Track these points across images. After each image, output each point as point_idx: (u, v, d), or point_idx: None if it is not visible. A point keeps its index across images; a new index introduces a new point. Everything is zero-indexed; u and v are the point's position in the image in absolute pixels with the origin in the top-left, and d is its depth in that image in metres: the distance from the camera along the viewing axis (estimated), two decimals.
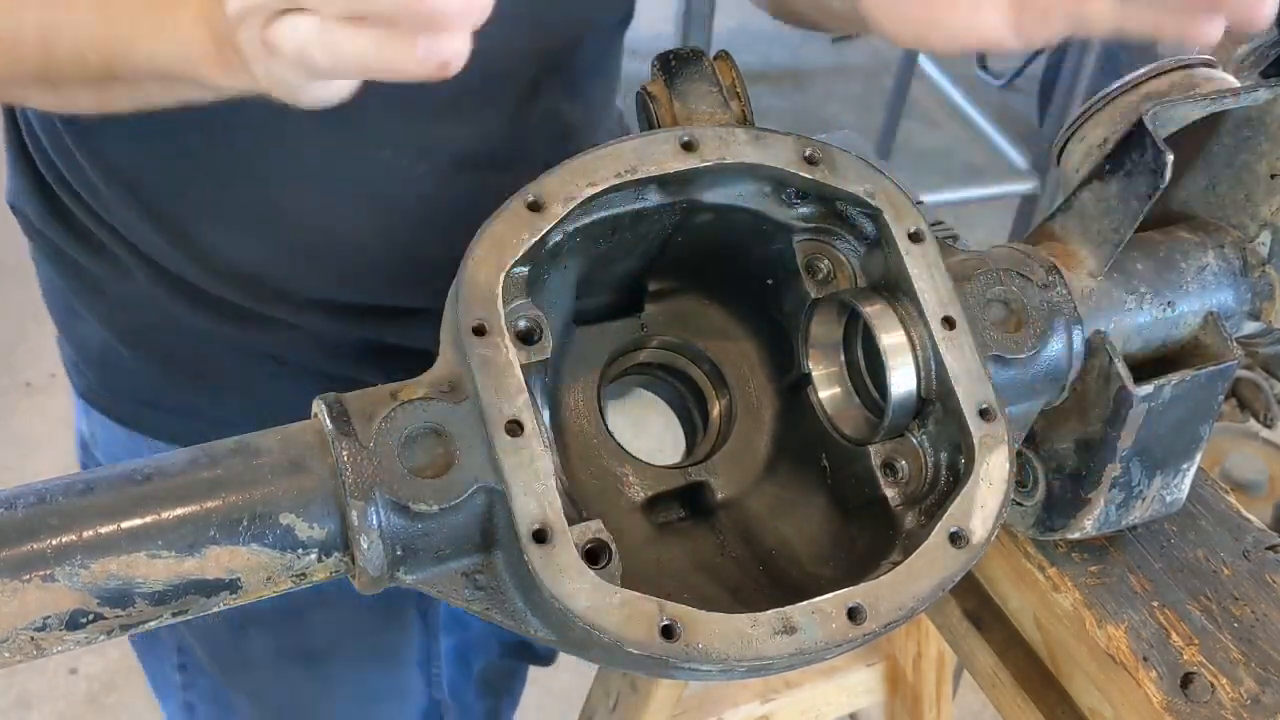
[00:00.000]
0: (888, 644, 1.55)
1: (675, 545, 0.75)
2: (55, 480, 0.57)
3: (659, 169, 0.67)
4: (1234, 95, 0.74)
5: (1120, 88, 0.80)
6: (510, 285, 0.63)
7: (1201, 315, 0.77)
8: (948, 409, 0.68)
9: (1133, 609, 0.80)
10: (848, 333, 0.76)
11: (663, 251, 0.75)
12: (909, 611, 0.62)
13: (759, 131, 0.69)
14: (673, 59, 0.73)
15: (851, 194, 0.69)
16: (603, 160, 0.66)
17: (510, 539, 0.60)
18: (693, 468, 0.78)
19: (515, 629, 0.63)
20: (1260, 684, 0.76)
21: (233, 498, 0.58)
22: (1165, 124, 0.72)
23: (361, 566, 0.59)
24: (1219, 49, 0.86)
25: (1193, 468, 0.80)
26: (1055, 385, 0.74)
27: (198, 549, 0.57)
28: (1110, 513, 0.78)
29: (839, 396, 0.76)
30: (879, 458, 0.72)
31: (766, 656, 0.59)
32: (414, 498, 0.59)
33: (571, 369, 0.78)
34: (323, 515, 0.59)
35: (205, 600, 0.58)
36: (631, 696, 1.37)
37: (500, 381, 0.61)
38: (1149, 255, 0.77)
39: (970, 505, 0.65)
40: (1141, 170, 0.70)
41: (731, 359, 0.81)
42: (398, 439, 0.60)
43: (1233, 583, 0.82)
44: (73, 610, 0.55)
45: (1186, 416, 0.76)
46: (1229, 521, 0.86)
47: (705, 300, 0.81)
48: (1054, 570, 0.82)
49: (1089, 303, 0.74)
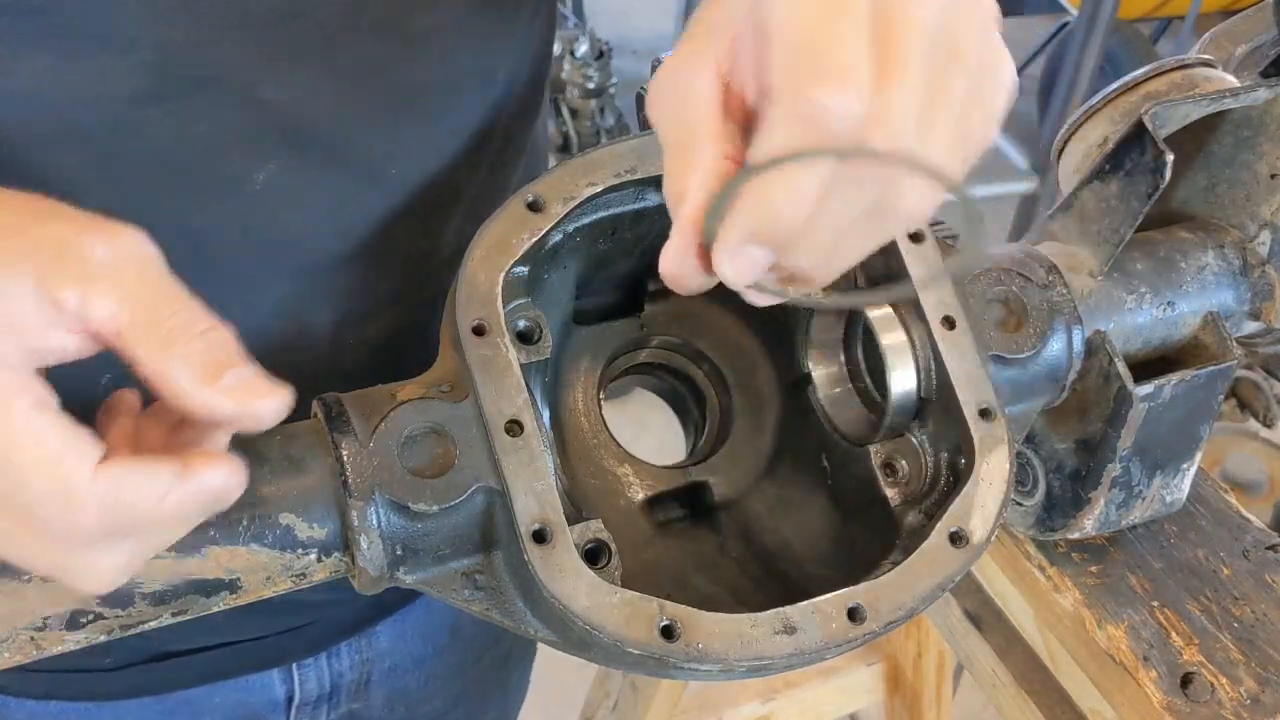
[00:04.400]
0: (888, 644, 1.55)
1: (675, 545, 0.75)
2: None
3: (659, 169, 0.66)
4: (1234, 95, 0.74)
5: (1120, 88, 0.80)
6: (510, 285, 0.63)
7: (1201, 315, 0.77)
8: (948, 409, 0.68)
9: (1133, 609, 0.80)
10: (848, 333, 0.76)
11: None
12: (909, 611, 0.62)
13: None
14: None
15: None
16: (603, 160, 0.66)
17: (510, 539, 0.60)
18: (693, 468, 0.78)
19: (515, 629, 0.63)
20: (1260, 684, 0.76)
21: None
22: (1165, 124, 0.72)
23: (361, 566, 0.59)
24: (1219, 49, 0.86)
25: (1193, 468, 0.80)
26: (1055, 385, 0.74)
27: (197, 549, 0.57)
28: (1110, 513, 0.78)
29: (839, 396, 0.76)
30: (879, 458, 0.72)
31: (766, 656, 0.59)
32: (414, 498, 0.59)
33: (571, 369, 0.78)
34: (322, 515, 0.59)
35: (205, 600, 0.58)
36: (631, 696, 1.38)
37: (500, 381, 0.61)
38: (1149, 255, 0.77)
39: (970, 505, 0.65)
40: (1141, 170, 0.70)
41: (732, 359, 0.81)
42: (398, 439, 0.60)
43: (1233, 583, 0.82)
44: (73, 610, 0.55)
45: (1186, 416, 0.76)
46: (1229, 521, 0.86)
47: (705, 300, 0.81)
48: (1054, 570, 0.82)
49: (1089, 302, 0.74)
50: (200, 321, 0.50)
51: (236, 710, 0.96)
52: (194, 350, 0.49)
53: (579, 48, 3.10)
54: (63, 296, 0.48)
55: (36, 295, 0.47)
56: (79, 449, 0.48)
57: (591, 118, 3.14)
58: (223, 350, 0.50)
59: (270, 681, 0.95)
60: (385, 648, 0.99)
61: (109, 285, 0.48)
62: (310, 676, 0.97)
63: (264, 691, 0.96)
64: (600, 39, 3.17)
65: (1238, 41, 0.85)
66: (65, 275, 0.48)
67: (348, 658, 0.97)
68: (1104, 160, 0.73)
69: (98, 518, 0.48)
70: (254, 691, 0.95)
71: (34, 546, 0.50)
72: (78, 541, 0.49)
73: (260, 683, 0.95)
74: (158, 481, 0.49)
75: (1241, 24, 0.86)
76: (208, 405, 0.50)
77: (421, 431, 0.60)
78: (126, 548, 0.51)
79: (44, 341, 0.48)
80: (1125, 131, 0.72)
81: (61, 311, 0.48)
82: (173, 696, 0.91)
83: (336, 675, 0.98)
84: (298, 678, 0.96)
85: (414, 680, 1.05)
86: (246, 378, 0.50)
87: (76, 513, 0.48)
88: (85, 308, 0.48)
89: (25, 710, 0.88)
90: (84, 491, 0.48)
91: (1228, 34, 0.86)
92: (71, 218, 0.49)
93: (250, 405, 0.50)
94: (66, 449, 0.48)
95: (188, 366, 0.49)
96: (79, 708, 0.89)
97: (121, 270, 0.49)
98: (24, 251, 0.48)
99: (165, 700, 0.91)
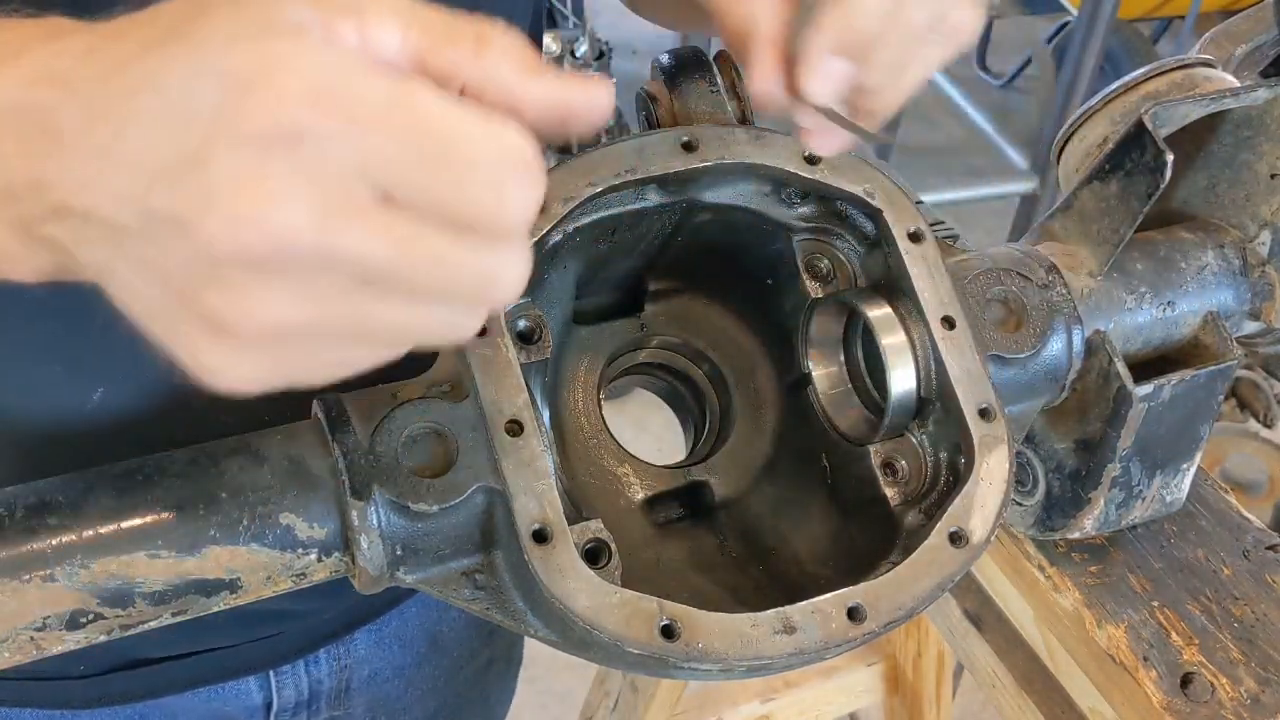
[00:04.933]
0: (888, 644, 1.55)
1: (675, 545, 0.75)
2: (55, 480, 0.57)
3: (659, 169, 0.67)
4: (1234, 95, 0.74)
5: (1120, 88, 0.80)
6: None
7: (1201, 315, 0.77)
8: (948, 409, 0.68)
9: (1133, 609, 0.80)
10: (848, 333, 0.76)
11: (663, 251, 0.75)
12: (909, 611, 0.62)
13: (759, 131, 0.69)
14: (673, 59, 0.73)
15: (851, 194, 0.69)
16: (603, 160, 0.66)
17: (510, 539, 0.60)
18: (693, 467, 0.78)
19: (515, 629, 0.63)
20: (1260, 684, 0.76)
21: (233, 497, 0.58)
22: (1165, 124, 0.72)
23: (361, 566, 0.59)
24: (1219, 49, 0.86)
25: (1193, 468, 0.80)
26: (1055, 385, 0.74)
27: (197, 549, 0.57)
28: (1110, 512, 0.78)
29: (839, 396, 0.76)
30: (879, 458, 0.72)
31: (766, 656, 0.60)
32: (414, 498, 0.59)
33: (571, 369, 0.78)
34: (323, 515, 0.59)
35: (205, 600, 0.58)
36: (631, 696, 1.38)
37: (500, 381, 0.61)
38: (1149, 255, 0.77)
39: (970, 505, 0.65)
40: (1141, 170, 0.70)
41: (731, 359, 0.81)
42: (398, 439, 0.60)
43: (1233, 583, 0.82)
44: (73, 610, 0.55)
45: (1186, 416, 0.76)
46: (1229, 521, 0.86)
47: (705, 300, 0.81)
48: (1054, 570, 0.82)
49: (1089, 302, 0.74)
50: (488, 24, 0.44)
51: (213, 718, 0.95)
52: (511, 45, 0.44)
53: (579, 48, 3.10)
54: (342, 32, 0.41)
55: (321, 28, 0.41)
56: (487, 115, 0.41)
57: None
58: (529, 49, 0.45)
59: (248, 689, 0.94)
60: (363, 655, 0.98)
61: (380, 11, 0.42)
62: (288, 684, 0.96)
63: (241, 699, 0.94)
64: (600, 39, 3.17)
65: (1238, 41, 0.85)
66: (332, 10, 0.41)
67: (326, 665, 0.96)
68: (1104, 160, 0.73)
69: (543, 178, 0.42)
70: (230, 700, 0.94)
71: (469, 259, 0.42)
72: (532, 211, 0.42)
73: (237, 690, 0.94)
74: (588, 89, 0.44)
75: (1241, 24, 0.86)
76: (548, 93, 0.44)
77: (421, 431, 0.60)
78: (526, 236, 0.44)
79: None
80: (1125, 131, 0.72)
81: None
82: (146, 704, 0.90)
83: (315, 682, 0.97)
84: (275, 685, 0.95)
85: (394, 689, 1.03)
86: (562, 73, 0.45)
87: (535, 170, 0.42)
88: (368, 37, 0.42)
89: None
90: (530, 148, 0.42)
91: (1228, 34, 0.86)
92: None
93: (587, 87, 0.45)
94: (488, 115, 0.41)
95: (511, 60, 0.44)
96: (52, 715, 0.88)
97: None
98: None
99: (139, 708, 0.90)
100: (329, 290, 0.40)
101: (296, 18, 0.40)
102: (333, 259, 0.39)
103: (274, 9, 0.40)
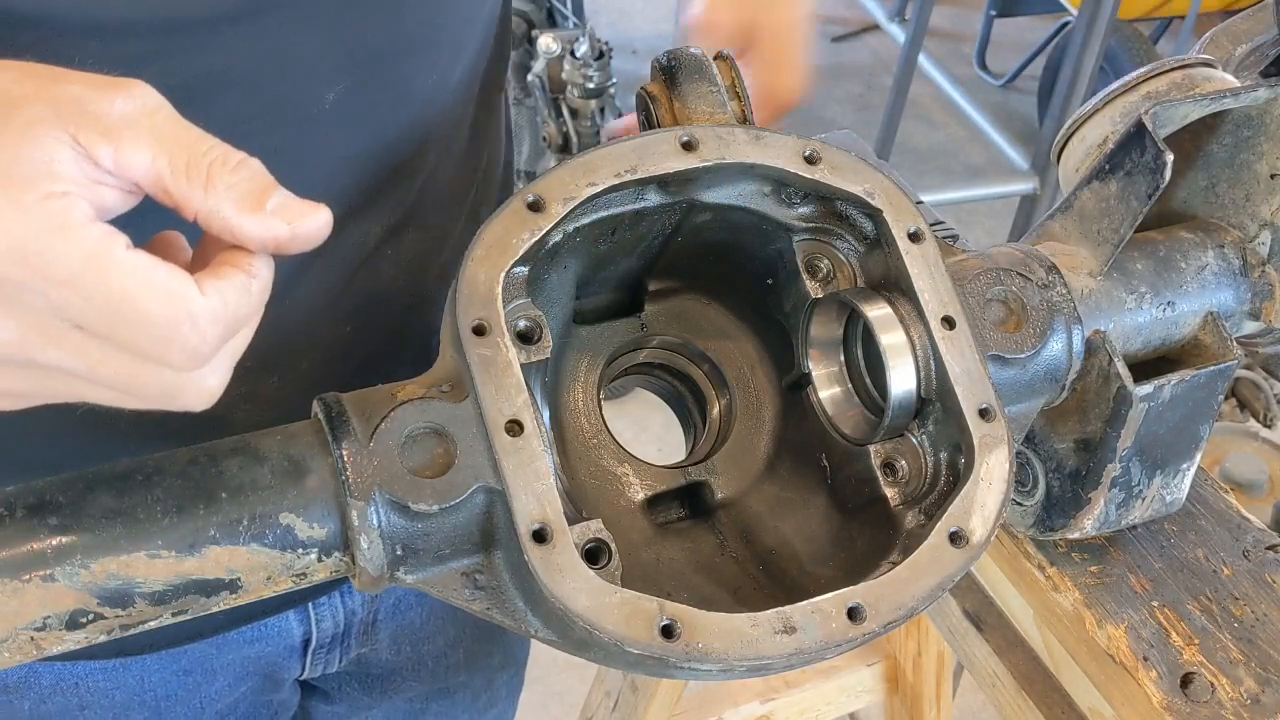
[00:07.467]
0: (888, 644, 1.55)
1: (675, 545, 0.75)
2: (55, 480, 0.57)
3: (659, 169, 0.67)
4: (1234, 95, 0.74)
5: (1120, 88, 0.80)
6: (510, 285, 0.63)
7: (1201, 315, 0.77)
8: (948, 409, 0.68)
9: (1133, 609, 0.80)
10: (848, 333, 0.76)
11: (663, 251, 0.75)
12: (909, 611, 0.62)
13: (759, 131, 0.69)
14: (673, 59, 0.73)
15: (851, 194, 0.69)
16: (603, 160, 0.66)
17: (510, 539, 0.60)
18: (693, 467, 0.78)
19: (515, 629, 0.63)
20: (1260, 684, 0.76)
21: (233, 497, 0.58)
22: (1165, 124, 0.72)
23: (361, 566, 0.60)
24: (1219, 49, 0.86)
25: (1193, 468, 0.80)
26: (1055, 385, 0.74)
27: (197, 549, 0.57)
28: (1110, 512, 0.78)
29: (839, 396, 0.76)
30: (879, 458, 0.72)
31: (766, 656, 0.60)
32: (414, 498, 0.59)
33: (571, 369, 0.78)
34: (323, 515, 0.59)
35: (205, 600, 0.58)
36: (631, 696, 1.38)
37: (500, 381, 0.61)
38: (1149, 255, 0.77)
39: (970, 505, 0.65)
40: (1141, 170, 0.70)
41: (731, 359, 0.81)
42: (398, 439, 0.60)
43: (1233, 583, 0.82)
44: (73, 610, 0.55)
45: (1186, 416, 0.76)
46: (1229, 521, 0.86)
47: (705, 300, 0.81)
48: (1054, 570, 0.82)
49: (1089, 302, 0.74)
50: (232, 155, 0.51)
51: (254, 664, 0.97)
52: (237, 181, 0.51)
53: (579, 48, 3.10)
54: (98, 154, 0.49)
55: (75, 154, 0.48)
56: (182, 275, 0.50)
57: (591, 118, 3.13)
58: (260, 178, 0.52)
59: (288, 625, 0.96)
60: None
61: (137, 135, 0.49)
62: (326, 615, 0.99)
63: (281, 638, 0.97)
64: (600, 39, 3.17)
65: (1238, 41, 0.85)
66: (94, 133, 0.49)
67: (359, 594, 0.98)
68: (1104, 160, 0.73)
69: (219, 331, 0.51)
70: (272, 639, 0.96)
71: (151, 378, 0.51)
72: (200, 359, 0.51)
73: (278, 628, 0.96)
74: (255, 276, 0.52)
75: (1241, 24, 0.86)
76: (260, 230, 0.51)
77: (421, 431, 0.60)
78: (228, 354, 0.53)
79: (98, 198, 0.49)
80: (1125, 131, 0.72)
81: (99, 168, 0.49)
82: (189, 654, 0.92)
83: (349, 613, 1.00)
84: (314, 617, 0.98)
85: (417, 616, 1.06)
86: (288, 200, 0.52)
87: (203, 330, 0.50)
88: (121, 162, 0.49)
89: (53, 673, 0.89)
90: (201, 310, 0.50)
91: (1228, 34, 0.86)
92: (79, 78, 0.50)
93: (301, 223, 0.52)
94: (174, 277, 0.49)
95: (233, 198, 0.51)
96: (104, 666, 0.89)
97: (143, 120, 0.50)
98: (48, 117, 0.48)
99: (181, 658, 0.92)
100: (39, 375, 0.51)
101: (47, 153, 0.47)
102: (35, 365, 0.50)
103: (32, 144, 0.47)
